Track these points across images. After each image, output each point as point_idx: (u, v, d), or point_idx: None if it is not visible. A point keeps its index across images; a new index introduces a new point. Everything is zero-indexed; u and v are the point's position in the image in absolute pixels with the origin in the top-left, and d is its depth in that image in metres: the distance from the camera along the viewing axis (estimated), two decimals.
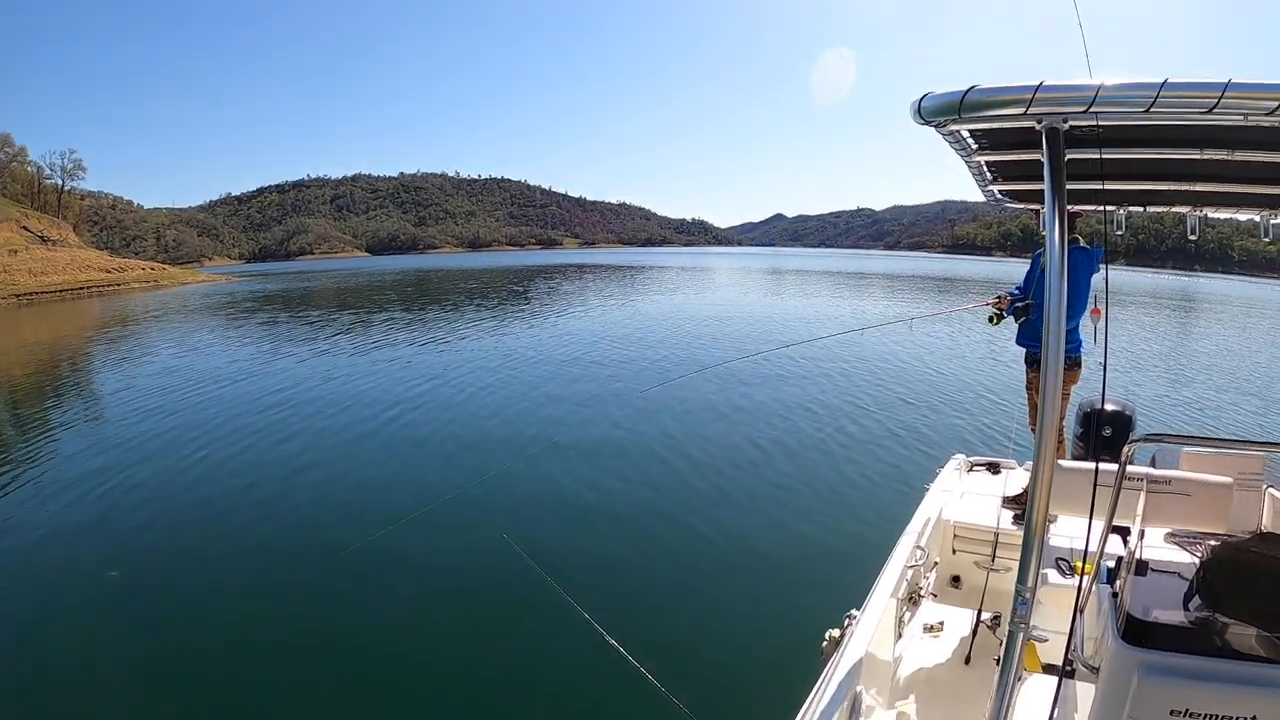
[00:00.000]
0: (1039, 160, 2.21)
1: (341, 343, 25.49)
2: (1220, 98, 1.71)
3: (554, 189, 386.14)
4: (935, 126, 2.29)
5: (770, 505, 9.39)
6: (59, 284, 66.16)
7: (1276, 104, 1.70)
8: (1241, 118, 1.81)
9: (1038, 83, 1.87)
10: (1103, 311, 4.94)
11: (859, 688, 3.28)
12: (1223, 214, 3.88)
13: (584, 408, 14.69)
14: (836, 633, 4.05)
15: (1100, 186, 3.54)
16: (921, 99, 2.12)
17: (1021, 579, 2.27)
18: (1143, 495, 3.24)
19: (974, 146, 2.94)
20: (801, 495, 9.71)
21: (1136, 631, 2.29)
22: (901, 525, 5.04)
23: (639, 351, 22.23)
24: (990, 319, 5.87)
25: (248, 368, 20.65)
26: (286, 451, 11.86)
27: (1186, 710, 2.15)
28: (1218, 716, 2.12)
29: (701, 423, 13.20)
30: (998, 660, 2.44)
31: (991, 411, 14.21)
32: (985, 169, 3.41)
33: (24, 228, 75.41)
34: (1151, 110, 1.79)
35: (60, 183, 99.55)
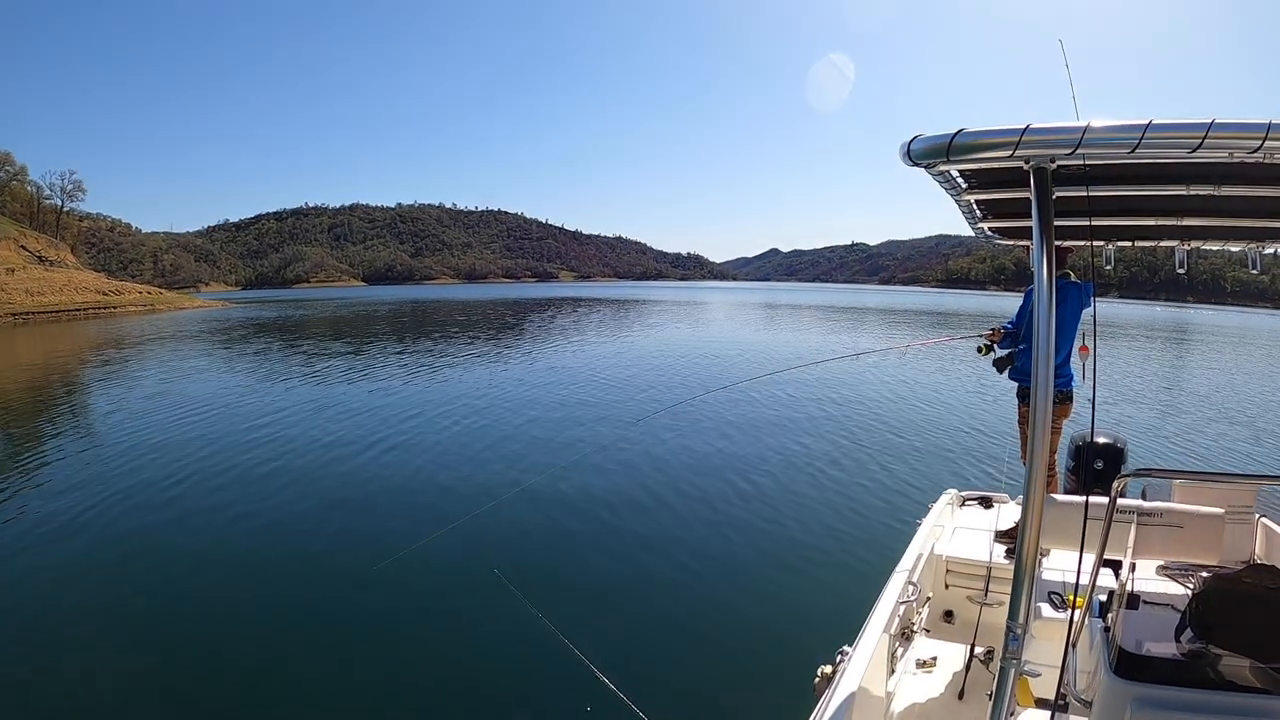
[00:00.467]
0: (1027, 198, 2.23)
1: (333, 373, 25.47)
2: (1204, 138, 1.73)
3: (550, 222, 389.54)
4: (925, 168, 2.31)
5: (760, 541, 9.35)
6: (55, 304, 66.12)
7: (1259, 143, 1.72)
8: (1226, 155, 1.82)
9: (1024, 125, 1.89)
10: (1091, 349, 4.96)
11: None
12: (1211, 246, 3.91)
13: (574, 442, 14.66)
14: (828, 669, 3.99)
15: (1088, 223, 3.56)
16: (911, 142, 2.14)
17: (1013, 615, 2.26)
18: (1134, 528, 3.22)
19: (963, 185, 2.95)
20: (792, 531, 9.67)
21: (1129, 665, 2.29)
22: (893, 560, 4.97)
23: (630, 385, 22.23)
24: (979, 349, 5.92)
25: (237, 395, 20.63)
26: (271, 482, 11.73)
27: None
28: None
29: (690, 457, 13.18)
30: (991, 695, 2.42)
31: (984, 446, 14.23)
32: (975, 207, 3.44)
33: (22, 247, 75.43)
34: (1137, 151, 1.80)
35: (59, 203, 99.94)
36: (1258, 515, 4.61)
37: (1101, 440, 5.98)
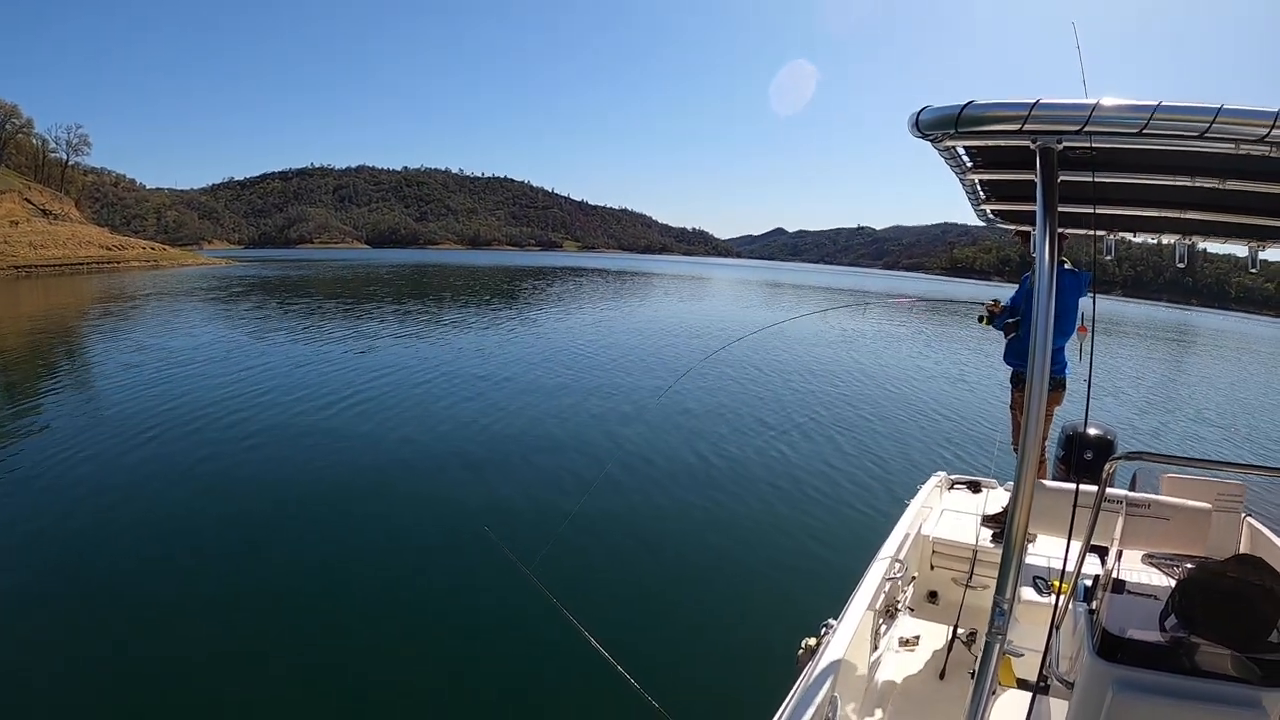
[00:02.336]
0: (1032, 180, 2.24)
1: (329, 331, 25.68)
2: (1212, 122, 1.72)
3: (556, 191, 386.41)
4: (932, 141, 2.33)
5: (751, 513, 9.42)
6: (59, 258, 65.81)
7: (1267, 130, 1.70)
8: (1233, 145, 1.84)
9: (1034, 100, 1.90)
10: (1089, 330, 5.01)
11: (834, 696, 3.28)
12: (1212, 244, 3.89)
13: (567, 408, 14.72)
14: (813, 642, 4.04)
15: (1091, 210, 3.49)
16: (920, 112, 2.16)
17: (1000, 590, 2.28)
18: (1121, 517, 3.28)
19: (969, 164, 2.96)
20: (782, 505, 9.74)
21: (1112, 648, 2.31)
22: (880, 539, 5.00)
23: (627, 356, 22.23)
24: (980, 318, 5.91)
25: (229, 351, 20.75)
26: (258, 437, 11.86)
27: None
28: None
29: (684, 433, 13.19)
30: (972, 674, 2.45)
31: (974, 431, 14.32)
32: (979, 187, 3.44)
33: (27, 200, 74.89)
34: (1144, 132, 1.80)
35: (65, 157, 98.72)
36: (1244, 514, 4.67)
37: (1093, 431, 6.02)
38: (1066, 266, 5.41)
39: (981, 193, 3.53)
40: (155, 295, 40.92)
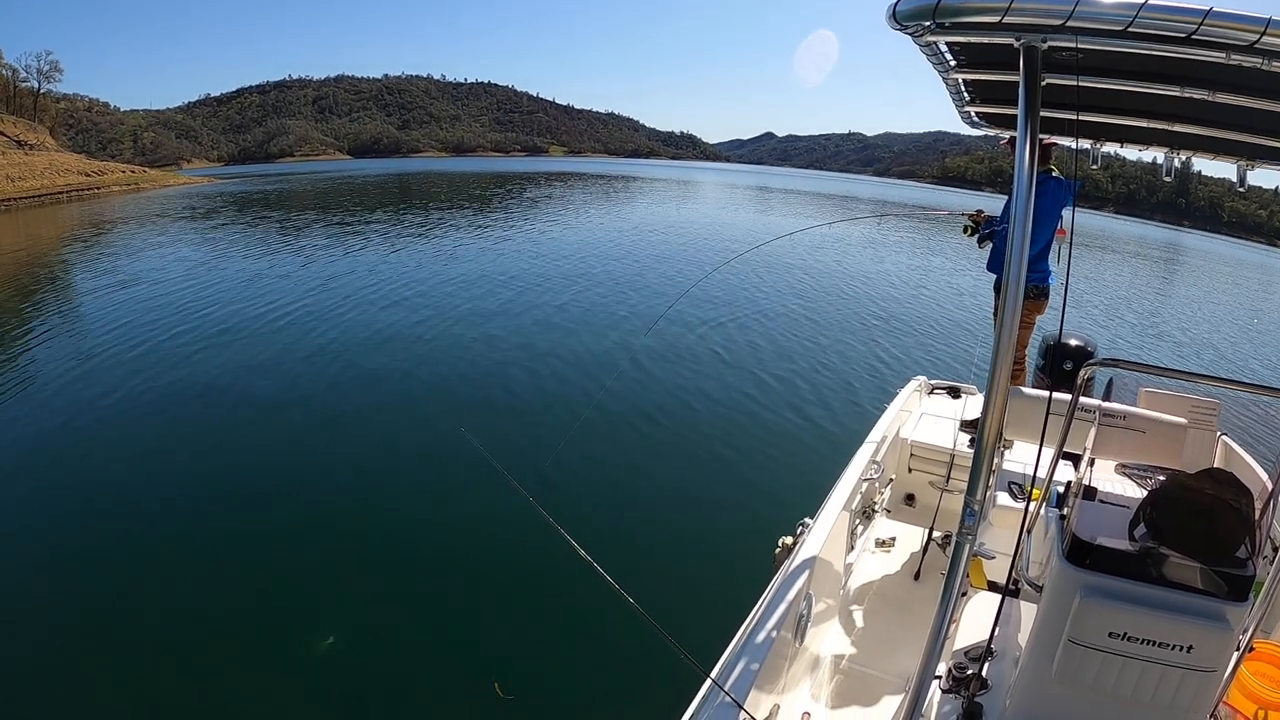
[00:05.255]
0: (1017, 82, 2.19)
1: (305, 246, 26.55)
2: (1200, 24, 1.66)
3: (542, 95, 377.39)
4: (911, 34, 2.26)
5: (729, 412, 9.73)
6: (37, 189, 64.57)
7: (1257, 36, 1.65)
8: (1224, 54, 1.81)
9: None
10: (1068, 234, 5.07)
11: (809, 593, 3.42)
12: (1202, 159, 3.80)
13: (546, 310, 14.92)
14: (789, 540, 4.20)
15: (1075, 117, 3.40)
16: (896, 2, 2.08)
17: (971, 491, 2.29)
18: (1095, 427, 3.38)
19: (952, 63, 2.88)
20: (762, 406, 10.01)
21: (1081, 553, 2.34)
22: (859, 440, 5.12)
23: (609, 261, 22.71)
24: (965, 229, 5.99)
25: (199, 268, 21.48)
26: (248, 345, 12.58)
27: (1125, 634, 2.21)
28: (1155, 642, 2.19)
29: (664, 334, 13.30)
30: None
31: (957, 338, 14.47)
32: (963, 87, 3.37)
33: (0, 132, 73.29)
34: (1129, 31, 1.76)
35: (36, 85, 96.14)
36: (1220, 432, 4.69)
37: (1073, 342, 6.14)
38: (1054, 174, 5.45)
39: (966, 93, 3.47)
40: (137, 219, 40.65)
